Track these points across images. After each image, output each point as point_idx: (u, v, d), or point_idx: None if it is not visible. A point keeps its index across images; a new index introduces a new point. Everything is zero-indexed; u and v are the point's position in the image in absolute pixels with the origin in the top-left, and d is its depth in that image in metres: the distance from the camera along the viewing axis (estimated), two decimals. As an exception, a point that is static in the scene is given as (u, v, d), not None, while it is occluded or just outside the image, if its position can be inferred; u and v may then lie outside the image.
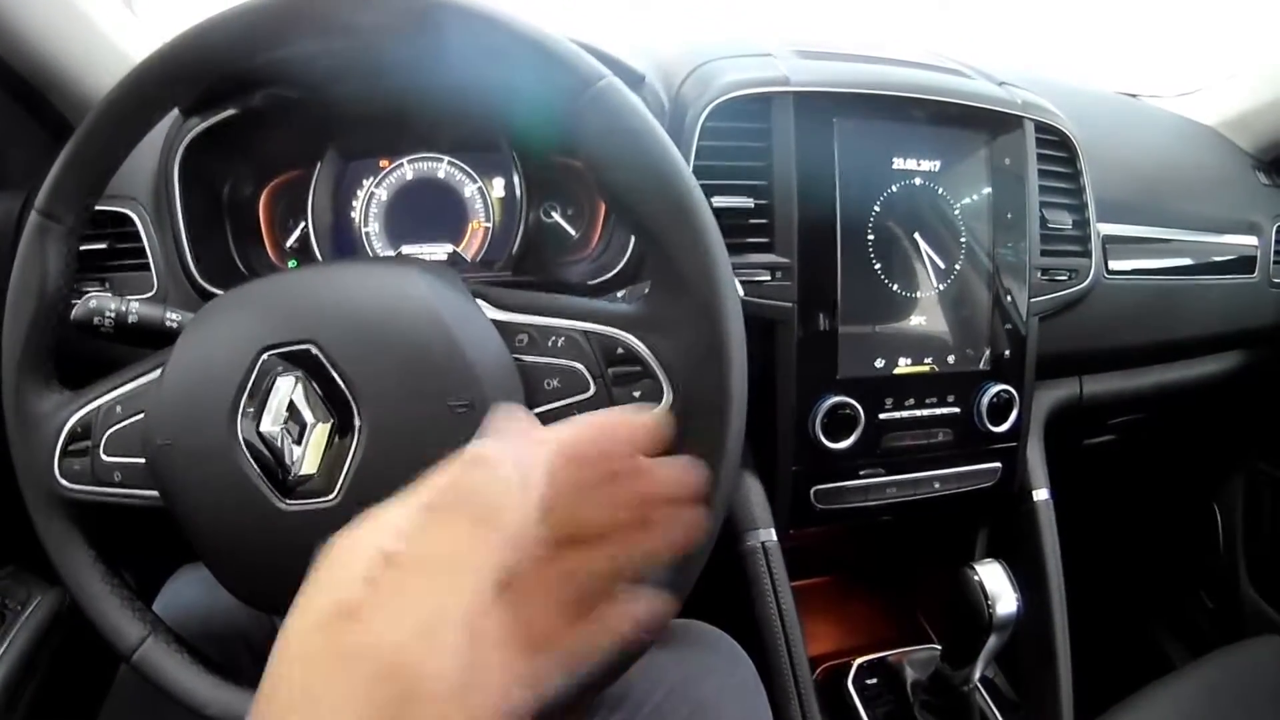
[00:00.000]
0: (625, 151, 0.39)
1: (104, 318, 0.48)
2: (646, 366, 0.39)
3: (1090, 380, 0.86)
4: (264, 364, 0.41)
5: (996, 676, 0.80)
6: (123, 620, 0.46)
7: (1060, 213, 0.74)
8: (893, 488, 0.69)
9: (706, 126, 0.62)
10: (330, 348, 0.40)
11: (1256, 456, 1.12)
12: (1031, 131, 0.71)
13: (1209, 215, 0.90)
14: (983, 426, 0.70)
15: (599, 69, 0.39)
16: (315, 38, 0.40)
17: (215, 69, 0.42)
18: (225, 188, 0.68)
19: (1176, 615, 1.22)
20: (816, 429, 0.64)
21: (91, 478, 0.45)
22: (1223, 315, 0.91)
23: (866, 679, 0.76)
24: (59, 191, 0.44)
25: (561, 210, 0.72)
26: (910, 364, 0.67)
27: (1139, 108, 1.06)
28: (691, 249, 0.38)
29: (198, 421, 0.41)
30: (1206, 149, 0.99)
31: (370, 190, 0.71)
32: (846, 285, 0.64)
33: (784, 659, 0.66)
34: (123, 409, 0.45)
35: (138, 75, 0.42)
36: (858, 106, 0.64)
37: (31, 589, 0.74)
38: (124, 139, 0.44)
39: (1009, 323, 0.70)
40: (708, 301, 0.38)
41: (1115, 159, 0.83)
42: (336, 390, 0.40)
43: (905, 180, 0.66)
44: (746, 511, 0.68)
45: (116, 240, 0.64)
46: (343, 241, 0.70)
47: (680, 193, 0.38)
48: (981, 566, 0.62)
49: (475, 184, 0.71)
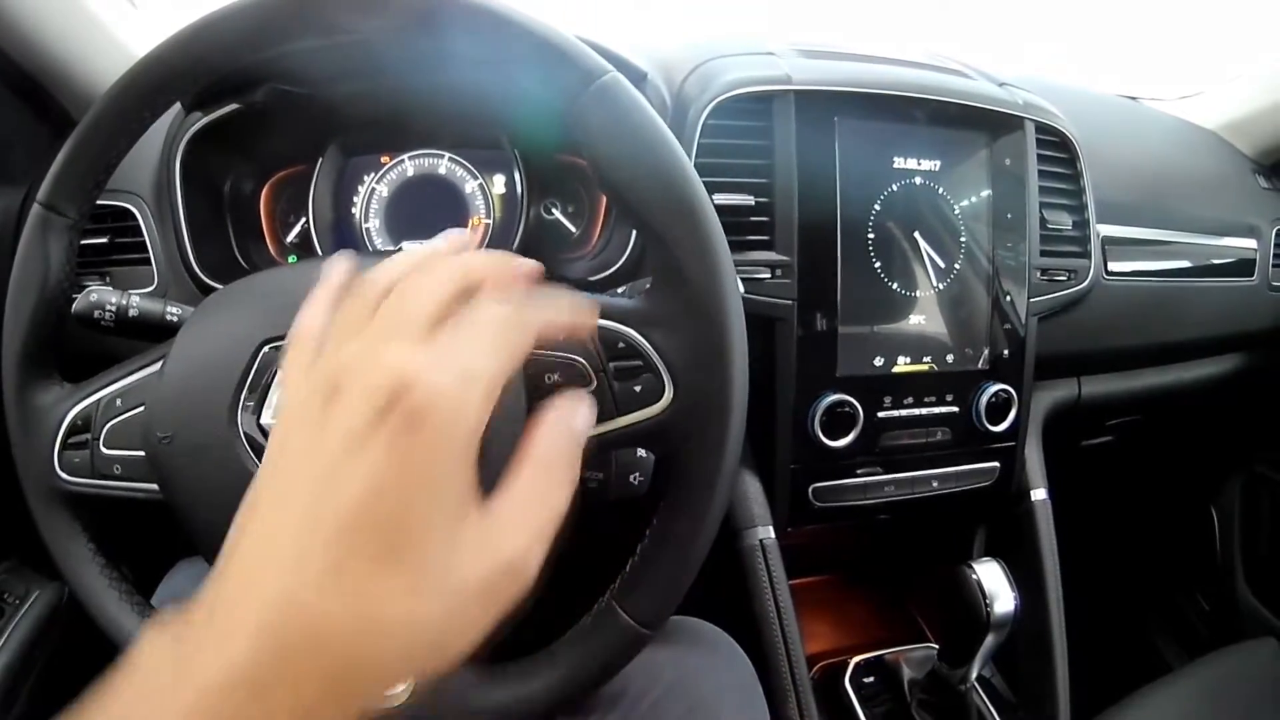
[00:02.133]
0: (628, 147, 0.39)
1: (105, 311, 0.48)
2: (648, 361, 0.39)
3: (1089, 381, 0.86)
4: (264, 357, 0.41)
5: (994, 676, 0.81)
6: (122, 614, 0.46)
7: (1060, 214, 0.74)
8: (891, 486, 0.69)
9: (708, 124, 0.62)
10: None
11: (1254, 459, 1.12)
12: (1032, 132, 0.71)
13: (1208, 218, 0.90)
14: (981, 426, 0.70)
15: (602, 64, 0.39)
16: (318, 34, 0.40)
17: (217, 65, 0.42)
18: (226, 183, 0.68)
19: (1173, 616, 1.22)
20: (815, 427, 0.65)
21: (91, 471, 0.45)
22: (1221, 318, 0.91)
23: (864, 677, 0.76)
24: (61, 185, 0.44)
25: (562, 207, 0.72)
26: (909, 363, 0.67)
27: (1139, 110, 1.06)
28: (693, 245, 0.38)
29: (198, 415, 0.41)
30: (1206, 152, 0.99)
31: (371, 186, 0.71)
32: (846, 284, 0.64)
33: (781, 657, 0.66)
34: (123, 402, 0.45)
35: (140, 70, 0.42)
36: (859, 106, 0.65)
37: (31, 583, 0.75)
38: (126, 133, 0.44)
39: (1008, 323, 0.70)
40: (709, 298, 0.38)
41: (1115, 161, 0.83)
42: None
43: (906, 180, 0.66)
44: (745, 509, 0.68)
45: (118, 234, 0.64)
46: (343, 237, 0.70)
47: (683, 189, 0.39)
48: (979, 566, 0.62)
49: (476, 180, 0.71)
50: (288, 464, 0.26)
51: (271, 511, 0.25)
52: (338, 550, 0.23)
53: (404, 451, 0.24)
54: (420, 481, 0.24)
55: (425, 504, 0.24)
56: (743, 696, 0.58)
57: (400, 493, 0.24)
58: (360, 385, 0.25)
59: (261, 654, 0.22)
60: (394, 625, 0.23)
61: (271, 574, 0.23)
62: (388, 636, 0.23)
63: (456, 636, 0.25)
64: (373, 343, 0.26)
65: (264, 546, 0.24)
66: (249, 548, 0.25)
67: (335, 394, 0.25)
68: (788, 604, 0.67)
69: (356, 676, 0.23)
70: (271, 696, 0.22)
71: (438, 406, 0.24)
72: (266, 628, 0.22)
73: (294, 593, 0.23)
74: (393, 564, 0.23)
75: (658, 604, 0.40)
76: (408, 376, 0.24)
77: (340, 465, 0.24)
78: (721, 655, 0.60)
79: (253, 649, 0.22)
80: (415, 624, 0.24)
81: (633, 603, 0.40)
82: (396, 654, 0.24)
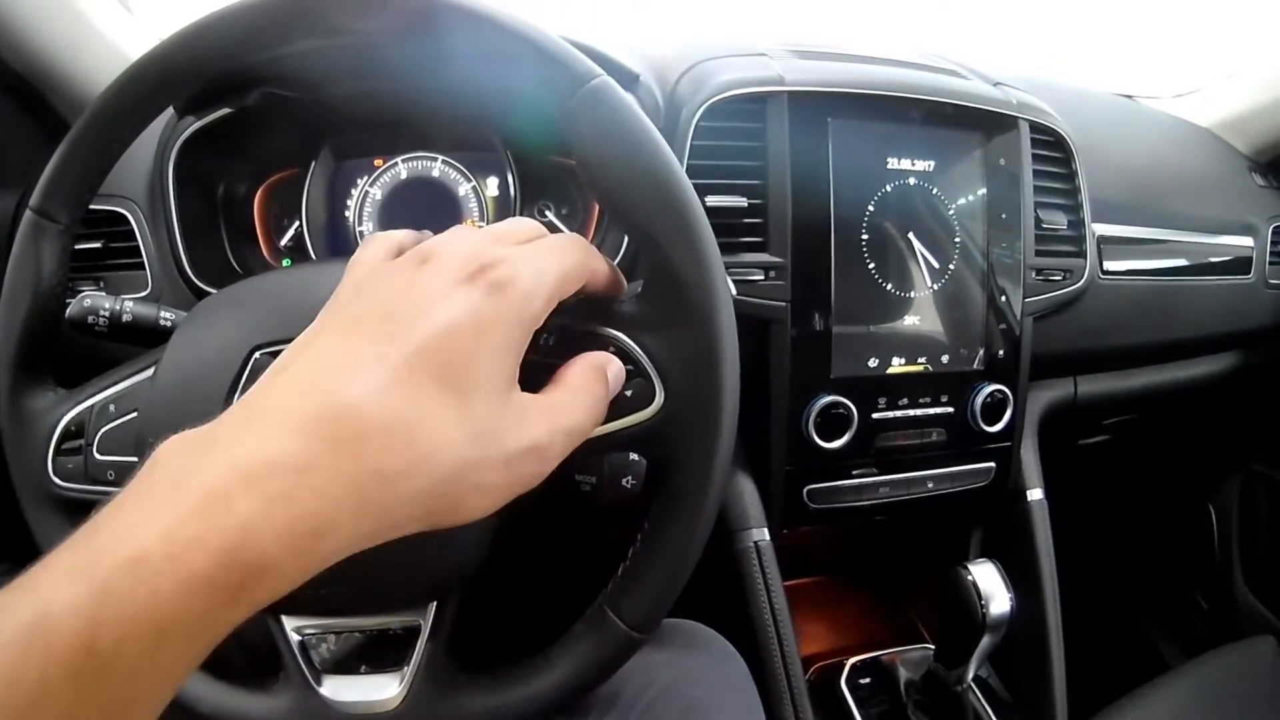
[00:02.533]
0: (618, 151, 0.39)
1: (98, 316, 0.48)
2: (639, 365, 0.39)
3: (1085, 380, 0.86)
4: (256, 362, 0.41)
5: (990, 677, 0.81)
6: None
7: (1055, 213, 0.74)
8: (886, 487, 0.69)
9: (701, 126, 0.62)
10: None
11: (1252, 457, 1.12)
12: (1027, 132, 0.71)
13: (1204, 216, 0.90)
14: (976, 426, 0.70)
15: (592, 68, 0.39)
16: (311, 38, 0.40)
17: (212, 69, 0.42)
18: (220, 187, 0.68)
19: (1171, 616, 1.22)
20: (810, 428, 0.65)
21: (85, 476, 0.45)
22: (1218, 316, 0.91)
23: (860, 679, 0.77)
24: (54, 190, 0.44)
25: (555, 210, 0.72)
26: (904, 364, 0.67)
27: (1135, 109, 1.06)
28: (684, 248, 0.38)
29: (190, 420, 0.40)
30: (1202, 150, 0.99)
31: (364, 189, 0.71)
32: (840, 285, 0.64)
33: (777, 659, 0.66)
34: (116, 408, 0.45)
35: (133, 74, 0.42)
36: (852, 106, 0.65)
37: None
38: (119, 137, 0.44)
39: (1003, 323, 0.70)
40: (700, 301, 0.38)
41: (1111, 160, 0.83)
42: None
43: (900, 180, 0.66)
44: (739, 511, 0.68)
45: (111, 239, 0.64)
46: (337, 241, 0.70)
47: (673, 192, 0.38)
48: (975, 566, 0.62)
49: (469, 183, 0.71)
50: (364, 304, 0.29)
51: (337, 336, 0.28)
52: (407, 368, 0.26)
53: (482, 310, 0.28)
54: (489, 340, 0.28)
55: (487, 359, 0.28)
56: (738, 699, 0.57)
57: (473, 340, 0.27)
58: (452, 254, 0.30)
59: (311, 444, 0.24)
60: (433, 450, 0.26)
61: (331, 380, 0.26)
62: (423, 459, 0.26)
63: (474, 491, 0.28)
64: (464, 236, 0.32)
65: (326, 359, 0.27)
66: (307, 361, 0.27)
67: (426, 261, 0.30)
68: (783, 605, 0.67)
69: (379, 494, 0.25)
70: (309, 482, 0.24)
71: (516, 284, 0.29)
72: (320, 422, 0.24)
73: (354, 396, 0.25)
74: (450, 393, 0.26)
75: (651, 608, 0.40)
76: (495, 256, 0.29)
77: (425, 305, 0.27)
78: (717, 657, 0.60)
79: (303, 439, 0.24)
80: (449, 457, 0.26)
81: (626, 606, 0.39)
82: (422, 481, 0.26)
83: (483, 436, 0.27)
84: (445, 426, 0.26)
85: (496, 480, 0.28)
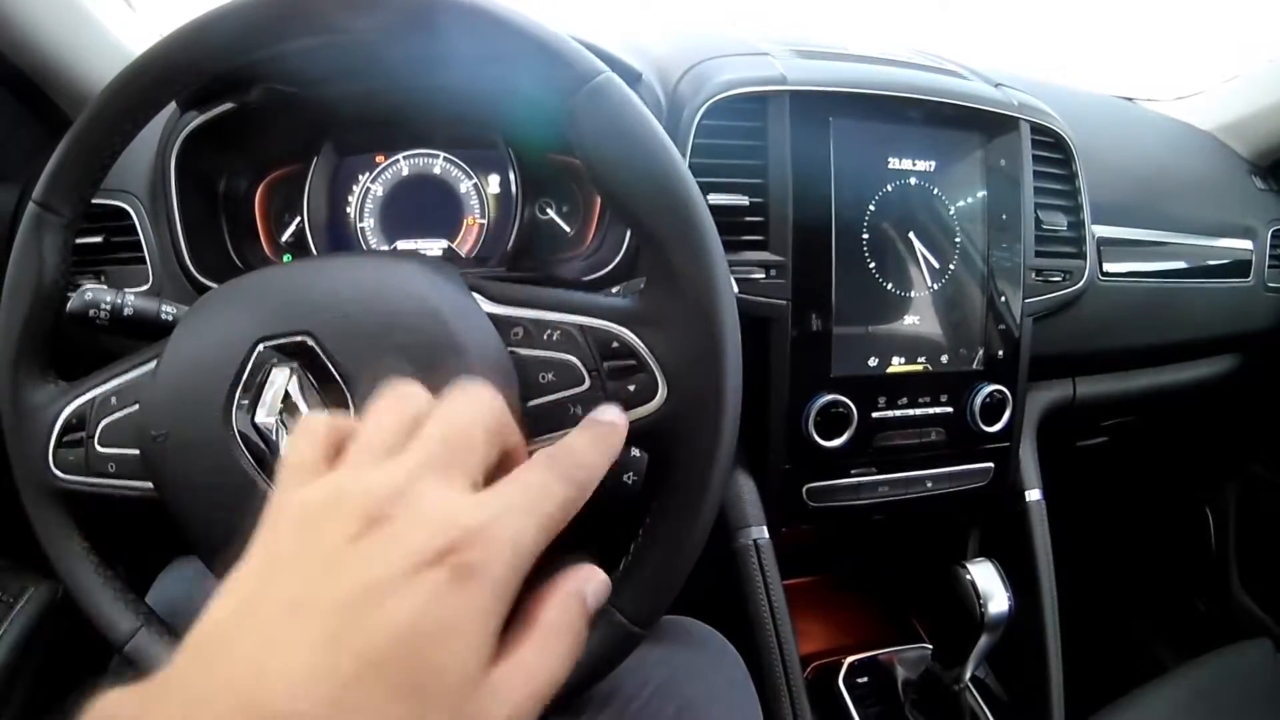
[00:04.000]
0: (621, 148, 0.39)
1: (100, 310, 0.48)
2: (641, 361, 0.39)
3: (1083, 382, 0.86)
4: (259, 355, 0.41)
5: (987, 676, 0.81)
6: (115, 612, 0.46)
7: (1055, 214, 0.74)
8: (885, 487, 0.69)
9: (702, 125, 0.62)
10: (326, 339, 0.40)
11: (1250, 460, 1.13)
12: (1027, 133, 0.71)
13: (1204, 219, 0.90)
14: (975, 427, 0.70)
15: (596, 65, 0.39)
16: (313, 35, 0.40)
17: (214, 64, 0.42)
18: (221, 182, 0.68)
19: (1168, 617, 1.22)
20: (809, 427, 0.65)
21: (86, 469, 0.45)
22: (1216, 319, 0.91)
23: (857, 678, 0.77)
24: (56, 184, 0.44)
25: (557, 207, 0.72)
26: (904, 363, 0.67)
27: (1135, 111, 1.06)
28: (687, 245, 0.38)
29: (192, 413, 0.41)
30: (1202, 153, 0.99)
31: (366, 186, 0.71)
32: (840, 284, 0.64)
33: (775, 657, 0.66)
34: (117, 400, 0.45)
35: (136, 69, 0.42)
36: (854, 106, 0.65)
37: (25, 581, 0.74)
38: (121, 132, 0.44)
39: (1003, 323, 0.71)
40: (703, 298, 0.38)
41: (1111, 161, 0.83)
42: (332, 382, 0.40)
43: (900, 180, 0.66)
44: (738, 509, 0.68)
45: (113, 233, 0.64)
46: (338, 237, 0.70)
47: (677, 189, 0.39)
48: (973, 566, 0.63)
49: (471, 180, 0.71)
50: (305, 575, 0.25)
51: (279, 614, 0.24)
52: (356, 679, 0.22)
53: (449, 604, 0.24)
54: (457, 640, 0.24)
55: (454, 658, 0.24)
56: (736, 697, 0.57)
57: (436, 643, 0.23)
58: (413, 522, 0.25)
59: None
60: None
61: (271, 688, 0.22)
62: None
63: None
64: (418, 475, 0.26)
65: (263, 656, 0.23)
66: (243, 653, 0.23)
67: (377, 523, 0.25)
68: (781, 604, 0.67)
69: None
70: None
71: (489, 568, 0.24)
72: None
73: (299, 710, 0.22)
74: (408, 702, 0.23)
75: (650, 603, 0.40)
76: (470, 532, 0.24)
77: (379, 595, 0.23)
78: (715, 655, 0.60)
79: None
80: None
81: (625, 602, 0.40)
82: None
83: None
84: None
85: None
